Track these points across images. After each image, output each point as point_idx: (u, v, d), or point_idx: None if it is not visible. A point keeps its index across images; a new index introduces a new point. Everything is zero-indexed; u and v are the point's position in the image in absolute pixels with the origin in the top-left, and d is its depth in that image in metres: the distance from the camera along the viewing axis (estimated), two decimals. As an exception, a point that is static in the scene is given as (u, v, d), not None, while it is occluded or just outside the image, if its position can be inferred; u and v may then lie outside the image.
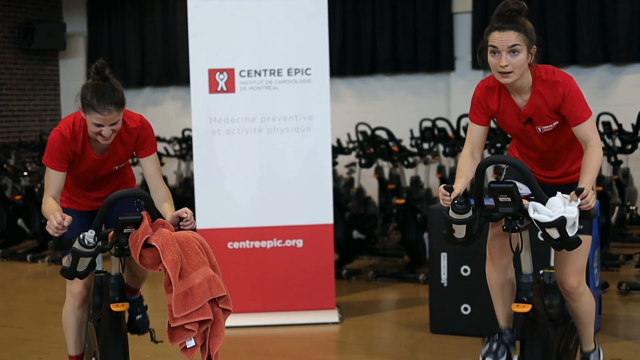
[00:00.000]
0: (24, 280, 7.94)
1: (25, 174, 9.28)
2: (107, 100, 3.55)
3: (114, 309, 3.62)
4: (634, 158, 8.39)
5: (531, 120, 3.60)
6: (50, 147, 3.72)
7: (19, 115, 12.23)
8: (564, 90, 3.52)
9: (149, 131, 3.87)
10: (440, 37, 10.71)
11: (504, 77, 3.49)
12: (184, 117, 11.32)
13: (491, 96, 3.65)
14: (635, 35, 9.71)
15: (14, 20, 12.10)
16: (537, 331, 3.56)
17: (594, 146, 3.49)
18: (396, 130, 8.65)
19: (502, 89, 3.63)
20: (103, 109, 3.54)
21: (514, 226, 3.42)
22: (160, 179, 3.86)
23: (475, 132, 3.71)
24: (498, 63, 3.47)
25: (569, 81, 3.54)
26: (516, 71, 3.47)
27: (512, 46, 3.44)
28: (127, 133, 3.79)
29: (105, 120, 3.57)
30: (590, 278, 5.02)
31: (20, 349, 5.38)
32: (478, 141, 3.71)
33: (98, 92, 3.56)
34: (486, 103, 3.66)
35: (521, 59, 3.46)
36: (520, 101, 3.61)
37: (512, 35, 3.44)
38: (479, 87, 3.70)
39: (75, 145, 3.73)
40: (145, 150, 3.85)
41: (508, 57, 3.45)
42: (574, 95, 3.53)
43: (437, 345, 5.19)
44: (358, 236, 7.39)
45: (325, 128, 5.85)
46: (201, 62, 5.78)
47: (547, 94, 3.54)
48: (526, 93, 3.59)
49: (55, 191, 3.71)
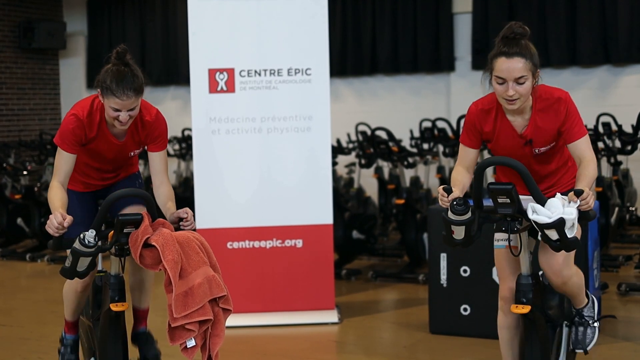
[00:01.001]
0: (23, 279, 7.95)
1: (24, 173, 9.28)
2: (127, 85, 3.55)
3: (114, 308, 3.61)
4: (633, 159, 8.39)
5: (531, 142, 3.60)
6: (64, 129, 3.71)
7: (18, 114, 12.23)
8: (567, 106, 3.54)
9: (163, 127, 3.87)
10: (441, 37, 10.71)
11: (510, 104, 3.50)
12: (183, 117, 11.32)
13: (486, 119, 3.64)
14: (635, 36, 9.71)
15: (14, 19, 12.10)
16: (536, 332, 3.57)
17: (589, 161, 3.51)
18: (396, 131, 8.65)
19: (499, 111, 3.62)
20: (122, 93, 3.54)
21: (513, 227, 3.42)
22: (165, 175, 3.85)
23: (466, 154, 3.71)
24: (505, 92, 3.47)
25: (569, 98, 3.57)
26: (522, 98, 3.49)
27: (519, 77, 3.45)
28: (141, 123, 3.80)
29: (124, 105, 3.58)
30: (589, 279, 5.03)
31: (19, 348, 5.38)
32: (470, 163, 3.71)
33: (118, 76, 3.56)
34: (480, 126, 3.65)
35: (527, 87, 3.47)
36: (520, 122, 3.60)
37: (519, 64, 3.44)
38: (473, 111, 3.67)
39: (90, 129, 3.73)
40: (156, 146, 3.85)
41: (515, 87, 3.45)
42: (573, 112, 3.56)
43: (437, 346, 5.20)
44: (358, 236, 7.39)
45: (325, 128, 5.86)
46: (201, 61, 5.78)
47: (549, 112, 3.55)
48: (526, 114, 3.59)
49: (64, 175, 3.71)
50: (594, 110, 8.64)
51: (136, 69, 3.64)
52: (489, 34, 10.25)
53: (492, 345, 4.44)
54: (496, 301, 3.81)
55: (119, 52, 3.63)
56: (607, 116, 8.32)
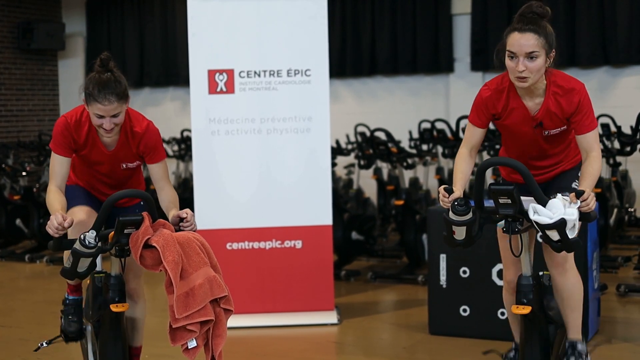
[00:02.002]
0: (22, 280, 7.94)
1: (23, 174, 9.28)
2: (108, 91, 3.58)
3: (114, 309, 3.61)
4: (632, 160, 8.40)
5: (542, 124, 3.60)
6: (54, 132, 3.77)
7: (17, 115, 12.23)
8: (580, 98, 3.54)
9: (155, 139, 3.85)
10: (440, 38, 10.72)
11: (520, 82, 3.48)
12: (183, 118, 11.32)
13: (499, 98, 3.63)
14: (634, 37, 9.72)
15: (13, 20, 12.10)
16: (537, 333, 3.57)
17: (595, 157, 3.51)
18: (395, 132, 8.66)
19: (511, 91, 3.61)
20: (104, 98, 3.57)
21: (514, 228, 3.43)
22: (167, 182, 3.85)
23: (474, 133, 3.70)
24: (515, 67, 3.46)
25: (584, 90, 3.56)
26: (532, 76, 3.47)
27: (530, 52, 3.43)
28: (131, 134, 3.81)
29: (106, 110, 3.59)
30: (589, 280, 5.03)
31: (18, 349, 5.38)
32: (476, 142, 3.71)
33: (100, 83, 3.60)
34: (493, 104, 3.63)
35: (538, 64, 3.45)
36: (532, 104, 3.60)
37: (531, 40, 3.43)
38: (486, 90, 3.65)
39: (78, 134, 3.76)
40: (153, 158, 3.85)
41: (526, 62, 3.44)
42: (587, 105, 3.56)
43: (436, 347, 5.19)
44: (357, 237, 7.39)
45: (325, 129, 5.86)
46: (201, 62, 5.78)
47: (562, 99, 3.54)
48: (539, 96, 3.58)
49: (60, 179, 3.74)
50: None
51: (119, 76, 3.67)
52: (488, 35, 10.27)
53: (491, 346, 4.44)
54: (495, 302, 3.84)
55: (103, 59, 3.67)
56: (606, 117, 8.33)
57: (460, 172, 3.62)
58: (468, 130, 3.73)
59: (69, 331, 4.01)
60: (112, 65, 3.67)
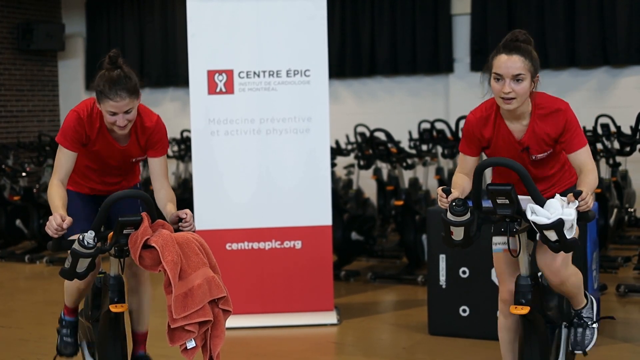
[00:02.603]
0: (22, 280, 7.94)
1: (23, 175, 9.28)
2: (119, 87, 3.58)
3: (113, 310, 3.61)
4: (632, 160, 8.40)
5: (528, 148, 3.60)
6: (65, 126, 3.74)
7: (17, 115, 12.23)
8: (566, 118, 3.54)
9: (162, 134, 3.88)
10: (439, 38, 10.72)
11: (506, 103, 3.49)
12: (182, 118, 11.32)
13: (485, 124, 3.64)
14: (633, 37, 9.72)
15: (12, 21, 12.10)
16: (535, 333, 3.57)
17: (590, 170, 3.50)
18: (395, 132, 8.66)
19: (497, 117, 3.62)
20: (115, 94, 3.57)
21: (512, 228, 3.43)
22: (165, 179, 3.86)
23: (466, 162, 3.72)
24: (501, 89, 3.47)
25: (569, 109, 3.56)
26: (519, 98, 3.48)
27: (516, 75, 3.45)
28: (142, 129, 3.82)
29: (118, 107, 3.59)
30: (588, 280, 5.03)
31: (18, 350, 5.38)
32: (470, 169, 3.70)
33: (111, 80, 3.59)
34: (480, 132, 3.64)
35: (524, 87, 3.47)
36: (519, 128, 3.60)
37: (518, 62, 3.45)
38: (472, 119, 3.67)
39: (90, 129, 3.75)
40: (155, 151, 3.86)
41: (512, 84, 3.45)
42: (574, 123, 3.55)
43: (436, 347, 5.20)
44: (356, 237, 7.39)
45: (324, 129, 5.86)
46: (200, 63, 5.78)
47: (548, 121, 3.55)
48: (524, 120, 3.59)
49: (64, 173, 3.73)
50: (593, 112, 8.65)
51: (129, 72, 3.66)
52: (488, 36, 10.27)
53: (491, 346, 4.44)
54: (495, 302, 3.82)
55: (112, 56, 3.67)
56: (605, 117, 8.33)
57: (458, 184, 3.62)
58: (460, 159, 3.75)
59: (64, 353, 4.11)
60: (122, 62, 3.67)
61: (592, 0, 9.82)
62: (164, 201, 3.75)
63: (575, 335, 3.83)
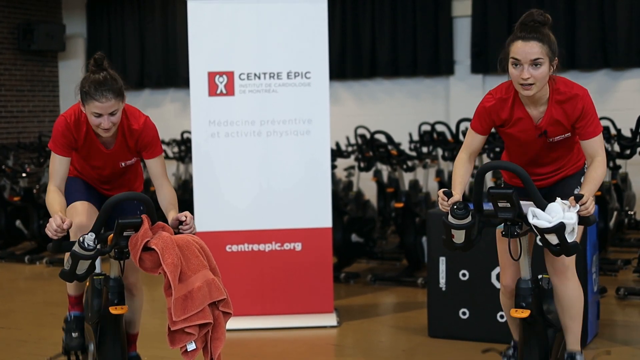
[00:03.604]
0: (22, 281, 7.94)
1: (23, 176, 9.27)
2: (105, 88, 3.59)
3: (113, 311, 3.61)
4: (632, 163, 8.40)
5: (546, 132, 3.60)
6: (55, 132, 3.78)
7: (17, 116, 12.23)
8: (584, 104, 3.53)
9: (152, 135, 3.86)
10: (440, 40, 10.71)
11: (525, 90, 3.48)
12: (182, 119, 11.32)
13: (503, 107, 3.62)
14: (634, 40, 9.72)
15: (13, 21, 12.10)
16: (536, 336, 3.57)
17: (600, 162, 3.51)
18: (395, 134, 8.65)
19: (516, 100, 3.60)
20: (101, 96, 3.58)
21: (513, 232, 3.43)
22: (165, 179, 3.86)
23: (475, 139, 3.70)
24: (520, 75, 3.45)
25: (587, 95, 3.56)
26: (538, 83, 3.47)
27: (534, 59, 3.43)
28: (129, 132, 3.82)
29: (103, 108, 3.60)
30: (588, 283, 5.03)
31: (18, 351, 5.38)
32: (476, 148, 3.71)
33: (96, 81, 3.61)
34: (497, 113, 3.62)
35: (543, 72, 3.46)
36: (536, 113, 3.59)
37: (535, 47, 3.44)
38: (490, 99, 3.64)
39: (77, 134, 3.77)
40: (149, 153, 3.86)
41: (530, 70, 3.44)
42: (590, 110, 3.55)
43: (435, 350, 5.19)
44: (357, 239, 7.39)
45: (325, 131, 5.86)
46: (201, 64, 5.78)
47: (565, 106, 3.55)
48: (543, 105, 3.58)
49: (59, 179, 3.75)
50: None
51: (114, 74, 3.68)
52: (489, 38, 10.27)
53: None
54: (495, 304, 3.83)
55: (97, 59, 3.69)
56: (606, 120, 8.33)
57: (459, 177, 3.61)
58: (469, 136, 3.72)
59: (71, 346, 4.05)
60: (107, 65, 3.68)
61: (593, 3, 9.82)
62: (165, 202, 3.76)
63: None
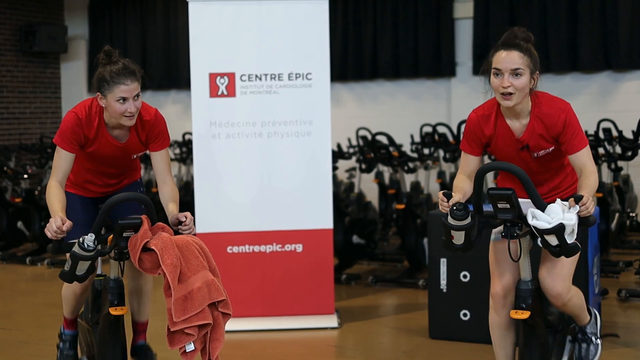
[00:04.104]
0: (23, 282, 7.94)
1: (25, 177, 9.28)
2: (127, 71, 3.64)
3: (113, 312, 3.61)
4: (634, 165, 8.40)
5: (528, 146, 3.60)
6: (63, 127, 3.75)
7: (19, 117, 12.24)
8: (566, 117, 3.53)
9: (162, 126, 3.89)
10: (442, 42, 10.72)
11: (505, 99, 3.50)
12: (184, 121, 11.34)
13: (486, 123, 3.64)
14: (636, 41, 9.72)
15: (15, 23, 12.11)
16: (536, 338, 3.56)
17: (590, 172, 3.50)
18: (397, 136, 8.65)
19: (498, 115, 3.63)
20: (126, 78, 3.62)
21: (513, 233, 3.42)
22: (169, 174, 3.87)
23: (469, 162, 3.72)
24: (500, 84, 3.48)
25: (569, 109, 3.56)
26: (518, 93, 3.48)
27: (515, 69, 3.46)
28: (141, 124, 3.83)
29: (129, 91, 3.63)
30: (589, 285, 5.02)
31: (18, 352, 5.38)
32: (471, 170, 3.70)
33: (115, 67, 3.65)
34: (481, 130, 3.65)
35: (523, 82, 3.47)
36: (518, 126, 3.61)
37: (517, 57, 3.47)
38: (473, 118, 3.68)
39: (89, 129, 3.76)
40: (157, 145, 3.87)
41: (510, 79, 3.46)
42: (573, 124, 3.55)
43: (436, 351, 5.19)
44: (358, 241, 7.39)
45: (326, 133, 5.86)
46: (202, 66, 5.79)
47: (547, 120, 3.55)
48: (524, 118, 3.59)
49: (62, 174, 3.73)
50: (595, 116, 8.64)
51: (128, 60, 3.72)
52: (490, 40, 10.26)
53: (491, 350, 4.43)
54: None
55: (107, 51, 3.72)
56: (607, 122, 8.33)
57: (460, 188, 3.61)
58: (463, 160, 3.74)
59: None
60: (117, 55, 3.72)
61: (595, 5, 9.82)
62: (167, 198, 3.77)
63: (580, 351, 3.83)
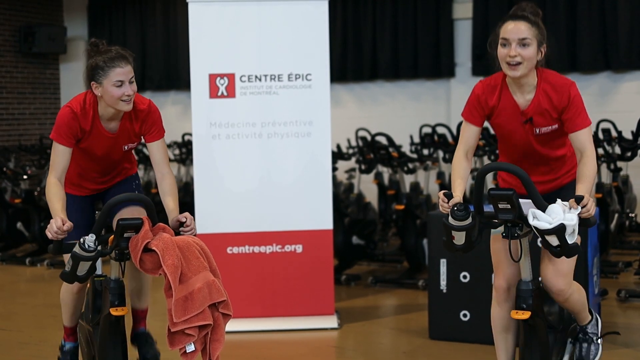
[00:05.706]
0: (22, 283, 7.94)
1: (24, 178, 9.28)
2: (119, 55, 3.69)
3: (114, 313, 3.61)
4: (633, 165, 8.40)
5: (532, 120, 3.60)
6: (59, 122, 3.75)
7: (19, 118, 12.24)
8: (571, 93, 3.54)
9: (156, 116, 3.90)
10: (441, 43, 10.72)
11: (512, 69, 3.50)
12: (184, 122, 11.33)
13: (492, 93, 3.65)
14: (635, 42, 9.72)
15: (14, 24, 12.11)
16: (536, 338, 3.57)
17: (589, 157, 3.50)
18: (396, 136, 8.65)
19: (504, 87, 3.63)
20: (120, 61, 3.66)
21: (514, 233, 3.43)
22: (166, 166, 3.86)
23: (469, 133, 3.71)
24: (507, 53, 3.49)
25: (575, 86, 3.58)
26: (525, 63, 3.49)
27: (522, 39, 3.47)
28: (134, 113, 3.83)
29: (125, 73, 3.67)
30: (589, 285, 5.02)
31: (19, 353, 5.38)
32: (472, 142, 3.71)
33: (108, 54, 3.69)
34: (485, 100, 3.65)
35: (530, 52, 3.49)
36: (523, 100, 3.61)
37: (523, 27, 3.49)
38: (479, 85, 3.69)
39: (84, 122, 3.77)
40: (153, 135, 3.87)
41: (518, 49, 3.47)
42: (578, 101, 3.56)
43: (436, 352, 5.19)
44: (357, 242, 7.39)
45: (326, 133, 5.86)
46: (202, 66, 5.79)
47: (553, 94, 3.55)
48: (530, 92, 3.60)
49: (60, 170, 3.73)
50: (594, 117, 8.57)
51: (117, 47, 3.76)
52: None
53: (491, 351, 4.43)
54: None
55: (93, 43, 3.76)
56: (607, 122, 8.33)
57: (459, 178, 3.62)
58: (463, 130, 3.73)
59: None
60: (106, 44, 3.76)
61: (594, 5, 9.83)
62: (165, 192, 3.77)
63: (581, 351, 3.83)
